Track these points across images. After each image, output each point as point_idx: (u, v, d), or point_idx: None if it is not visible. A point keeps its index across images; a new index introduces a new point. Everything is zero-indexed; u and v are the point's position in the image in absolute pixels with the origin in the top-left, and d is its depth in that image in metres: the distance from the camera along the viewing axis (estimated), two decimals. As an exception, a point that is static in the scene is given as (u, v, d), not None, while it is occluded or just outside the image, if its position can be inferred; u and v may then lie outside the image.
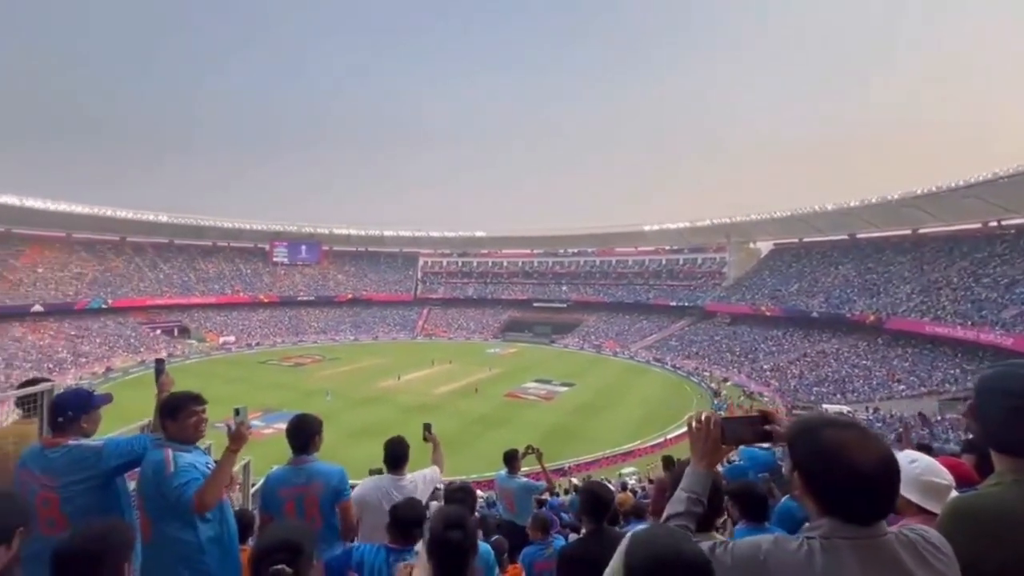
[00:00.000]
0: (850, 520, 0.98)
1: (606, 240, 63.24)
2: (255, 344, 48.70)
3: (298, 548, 1.33)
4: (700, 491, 1.28)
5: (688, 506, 1.26)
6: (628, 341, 49.78)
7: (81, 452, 2.03)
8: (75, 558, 1.20)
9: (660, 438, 23.64)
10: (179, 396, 2.16)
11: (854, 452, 0.97)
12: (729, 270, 53.53)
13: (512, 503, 4.64)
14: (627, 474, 17.22)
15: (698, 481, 1.29)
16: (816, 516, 1.03)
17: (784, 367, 34.79)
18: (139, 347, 41.25)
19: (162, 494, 1.96)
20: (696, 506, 1.26)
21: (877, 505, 0.98)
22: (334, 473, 2.47)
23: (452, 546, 1.52)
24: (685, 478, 1.32)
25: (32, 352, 35.13)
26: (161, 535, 1.99)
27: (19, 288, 40.33)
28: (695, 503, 1.26)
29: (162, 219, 52.20)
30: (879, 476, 0.96)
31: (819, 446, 1.01)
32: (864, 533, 0.97)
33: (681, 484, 1.31)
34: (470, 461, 19.15)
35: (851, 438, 0.99)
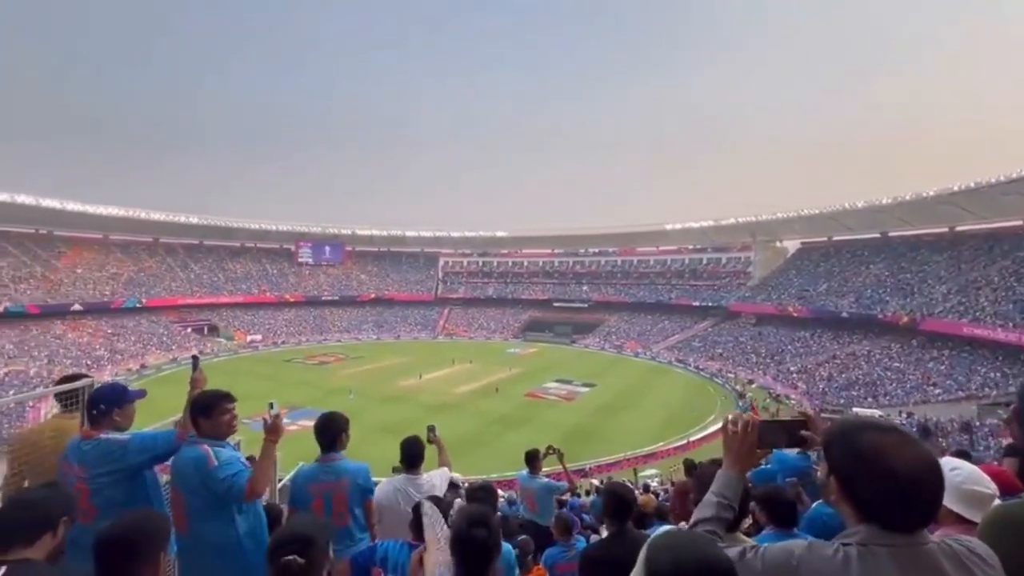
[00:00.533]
0: (890, 528, 0.93)
1: (627, 240, 62.62)
2: (281, 343, 49.80)
3: (310, 540, 1.35)
4: (731, 496, 1.25)
5: (717, 511, 1.22)
6: (650, 341, 49.20)
7: (109, 445, 2.10)
8: (115, 544, 1.25)
9: (683, 440, 23.30)
10: (212, 394, 2.22)
11: (895, 457, 0.92)
12: (754, 269, 52.40)
13: (534, 503, 4.63)
14: (648, 476, 17.01)
15: (729, 485, 1.26)
16: (853, 523, 0.98)
17: (812, 369, 33.88)
18: (171, 345, 42.64)
19: (207, 487, 2.02)
20: (726, 511, 1.23)
21: (919, 513, 0.93)
22: (360, 470, 2.53)
23: (476, 544, 1.52)
24: (716, 481, 1.29)
25: (72, 349, 36.64)
26: (200, 529, 2.06)
27: (60, 288, 42.12)
28: (725, 508, 1.23)
29: (192, 220, 53.86)
30: (922, 483, 0.91)
31: (858, 450, 0.96)
32: (904, 541, 0.93)
33: (711, 488, 1.28)
34: (490, 460, 19.21)
35: (892, 442, 0.94)
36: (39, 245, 45.31)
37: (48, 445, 2.43)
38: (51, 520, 1.41)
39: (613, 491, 2.67)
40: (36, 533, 1.37)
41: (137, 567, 1.26)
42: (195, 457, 2.06)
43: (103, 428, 2.18)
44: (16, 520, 1.38)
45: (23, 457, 2.42)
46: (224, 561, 2.03)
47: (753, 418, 1.28)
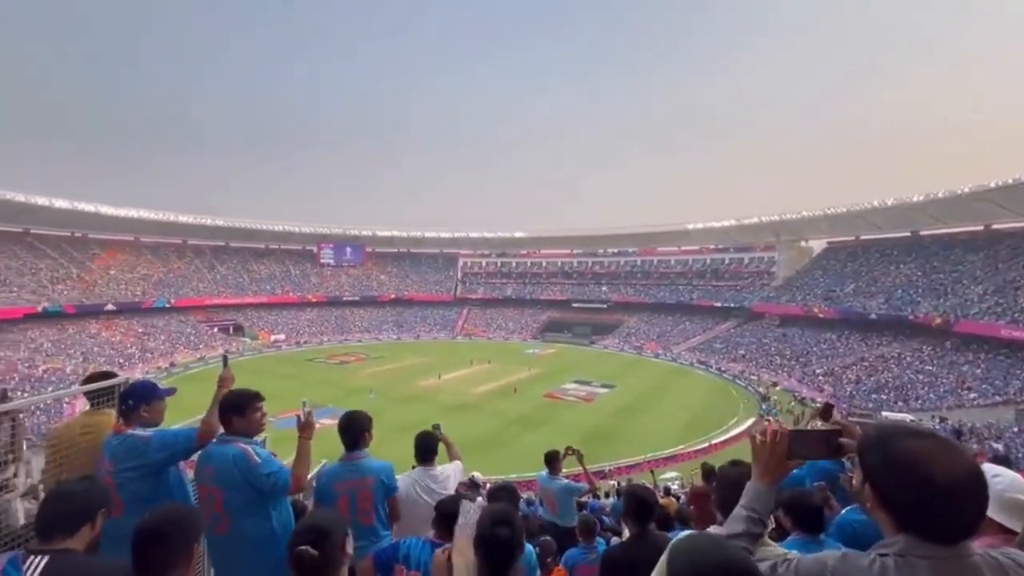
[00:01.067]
0: (930, 538, 0.88)
1: (648, 239, 61.99)
2: (303, 342, 50.73)
3: (325, 533, 1.39)
4: (761, 510, 1.21)
5: (748, 526, 1.19)
6: (670, 343, 48.59)
7: (133, 441, 2.15)
8: (152, 536, 1.31)
9: (704, 443, 22.95)
10: (245, 393, 2.27)
11: (934, 463, 0.87)
12: (778, 269, 51.31)
13: (554, 504, 4.62)
14: (668, 479, 16.79)
15: (759, 498, 1.22)
16: (891, 532, 0.94)
17: (839, 372, 32.99)
18: (198, 344, 43.83)
19: (250, 484, 2.09)
20: (757, 526, 1.19)
21: (960, 523, 0.88)
22: (385, 469, 2.55)
23: (500, 543, 1.52)
24: (745, 495, 1.25)
25: (105, 348, 37.96)
26: (239, 524, 2.12)
27: (94, 288, 43.69)
28: (756, 523, 1.19)
29: (219, 223, 55.35)
30: (963, 491, 0.86)
31: (894, 456, 0.92)
32: (945, 552, 0.87)
33: (741, 501, 1.24)
34: (509, 461, 19.22)
35: (930, 448, 0.90)
36: (75, 248, 47.10)
37: (81, 441, 2.51)
38: (90, 512, 1.46)
39: (635, 493, 2.64)
40: (76, 524, 1.43)
41: (171, 558, 1.30)
42: (235, 455, 2.11)
43: (132, 424, 2.23)
44: (57, 512, 1.43)
45: (60, 452, 2.51)
46: (261, 554, 2.10)
47: (782, 427, 1.23)
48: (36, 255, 43.43)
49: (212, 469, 2.15)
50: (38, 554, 1.34)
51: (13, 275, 39.52)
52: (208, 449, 2.22)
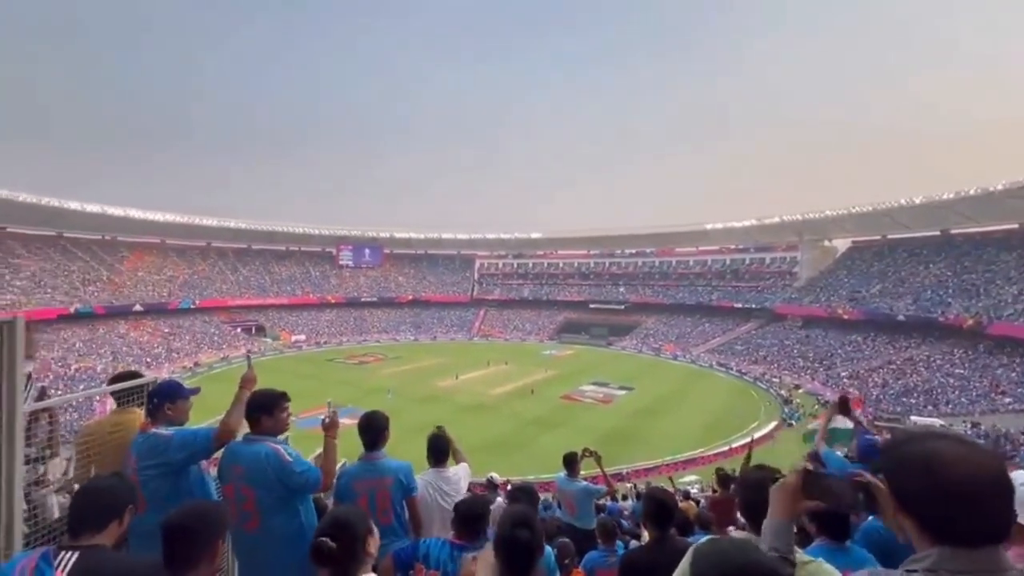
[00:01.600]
0: (956, 543, 0.83)
1: (665, 240, 61.35)
2: (323, 343, 51.49)
3: (345, 526, 1.43)
4: (784, 547, 1.15)
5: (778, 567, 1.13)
6: (689, 344, 47.97)
7: (156, 440, 2.19)
8: (178, 530, 1.34)
9: (724, 446, 22.58)
10: (273, 393, 2.31)
11: (953, 464, 0.83)
12: (801, 270, 50.25)
13: (573, 506, 4.59)
14: (688, 483, 16.56)
15: (780, 535, 1.16)
16: (920, 544, 0.89)
17: (865, 375, 32.15)
18: (222, 344, 44.83)
19: (282, 482, 2.14)
20: (786, 567, 1.12)
21: (985, 525, 0.82)
22: (402, 468, 2.57)
23: (520, 545, 1.53)
24: (765, 534, 1.19)
25: (134, 347, 39.10)
26: (270, 522, 2.16)
27: (123, 290, 45.05)
28: (783, 563, 1.12)
29: (241, 225, 56.56)
30: (986, 492, 0.82)
31: (912, 458, 0.88)
32: (980, 566, 0.82)
33: (764, 540, 1.19)
34: (526, 462, 19.20)
35: (949, 449, 0.85)
36: (105, 250, 48.64)
37: (110, 438, 2.57)
38: (118, 509, 1.50)
39: (655, 497, 2.61)
40: (104, 521, 1.46)
41: (196, 552, 1.34)
42: (267, 454, 2.16)
43: (158, 422, 2.27)
44: (86, 508, 1.47)
45: (91, 449, 2.58)
46: (291, 551, 2.14)
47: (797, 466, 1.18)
48: (69, 258, 44.98)
49: (243, 468, 2.17)
50: (69, 550, 1.37)
51: (47, 277, 41.00)
52: (236, 448, 2.25)
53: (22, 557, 1.39)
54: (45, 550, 1.40)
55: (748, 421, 26.48)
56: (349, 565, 1.41)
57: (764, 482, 1.57)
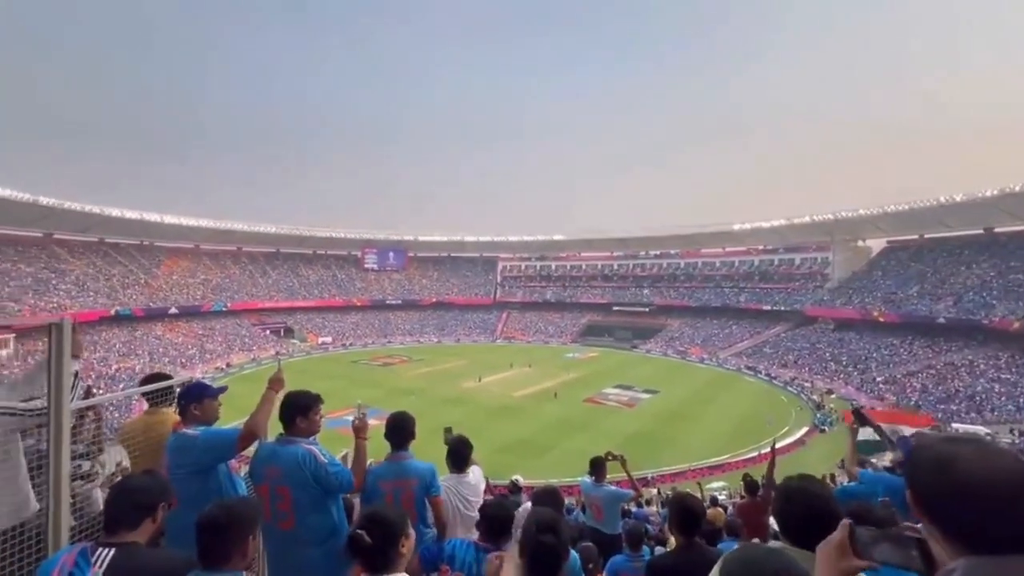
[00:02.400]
0: (981, 551, 0.77)
1: (691, 241, 60.35)
2: (349, 344, 52.39)
3: (383, 523, 1.47)
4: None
5: None
6: (716, 347, 47.00)
7: (184, 440, 2.26)
8: (211, 526, 1.39)
9: (753, 452, 21.98)
10: (309, 396, 2.38)
11: (970, 466, 0.79)
12: (833, 271, 48.68)
13: (600, 511, 4.55)
14: (715, 489, 16.21)
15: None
16: (948, 554, 0.83)
17: (902, 379, 30.91)
18: (252, 346, 46.10)
19: (318, 482, 2.21)
20: None
21: (1010, 530, 0.77)
22: (427, 470, 2.60)
23: (546, 549, 1.53)
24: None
25: (169, 349, 40.55)
26: (305, 520, 2.23)
27: (159, 293, 46.81)
28: None
29: (271, 230, 58.09)
30: (1006, 493, 0.77)
31: (930, 462, 0.85)
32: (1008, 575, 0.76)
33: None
34: (550, 465, 19.13)
35: (967, 452, 0.82)
36: (142, 255, 50.65)
37: (143, 437, 2.69)
38: (151, 507, 1.54)
39: (682, 503, 2.56)
40: (138, 519, 1.51)
41: (228, 547, 1.38)
42: (303, 455, 2.22)
43: (188, 422, 2.35)
44: (120, 507, 1.52)
45: (130, 447, 2.70)
46: (325, 548, 2.22)
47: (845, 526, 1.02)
48: (109, 262, 46.99)
49: (279, 469, 2.23)
50: (106, 547, 1.42)
51: (90, 281, 42.92)
52: (272, 449, 2.30)
53: (63, 553, 1.44)
54: (83, 547, 1.45)
55: (779, 426, 25.77)
56: (382, 561, 1.45)
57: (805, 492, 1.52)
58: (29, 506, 1.98)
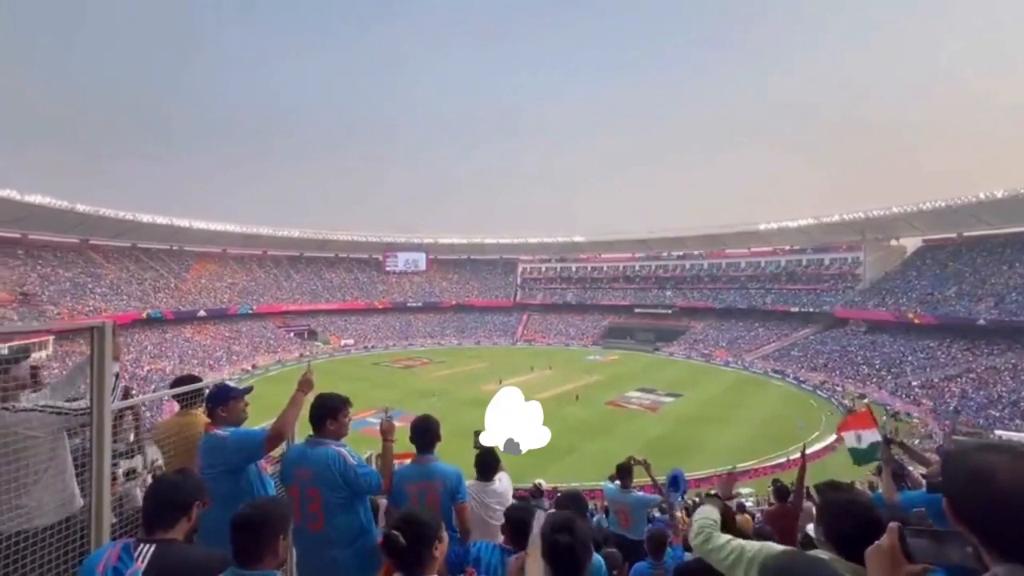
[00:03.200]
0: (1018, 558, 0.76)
1: (715, 241, 59.37)
2: (371, 346, 53.09)
3: (418, 524, 1.49)
4: None
5: None
6: (742, 350, 46.06)
7: (214, 441, 2.31)
8: (245, 525, 1.42)
9: (782, 458, 21.49)
10: (339, 399, 2.41)
11: (1007, 474, 0.78)
12: (864, 271, 47.22)
13: (627, 517, 4.48)
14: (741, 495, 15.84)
15: None
16: (990, 563, 0.80)
17: (940, 384, 29.75)
18: (276, 348, 47.13)
19: (347, 483, 2.24)
20: None
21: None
22: (452, 474, 2.60)
23: (561, 549, 1.52)
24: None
25: (198, 351, 41.75)
26: (333, 521, 2.27)
27: (188, 296, 48.28)
28: None
29: (294, 234, 59.46)
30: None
31: (966, 470, 0.82)
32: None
33: None
34: (571, 468, 19.00)
35: (1004, 460, 0.80)
36: (172, 259, 52.35)
37: (175, 438, 2.78)
38: (186, 506, 1.58)
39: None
40: (175, 517, 1.55)
41: (261, 545, 1.40)
42: (333, 456, 2.26)
43: (218, 424, 2.40)
44: (156, 508, 1.55)
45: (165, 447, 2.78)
46: (354, 549, 2.27)
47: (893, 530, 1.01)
48: (142, 267, 48.69)
49: (310, 470, 2.26)
50: (146, 543, 1.47)
51: (124, 284, 44.55)
52: (302, 451, 2.34)
53: (107, 548, 1.50)
54: (126, 543, 1.50)
55: (808, 431, 25.08)
56: (415, 562, 1.47)
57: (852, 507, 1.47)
58: (75, 502, 2.07)
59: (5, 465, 1.86)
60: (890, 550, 1.00)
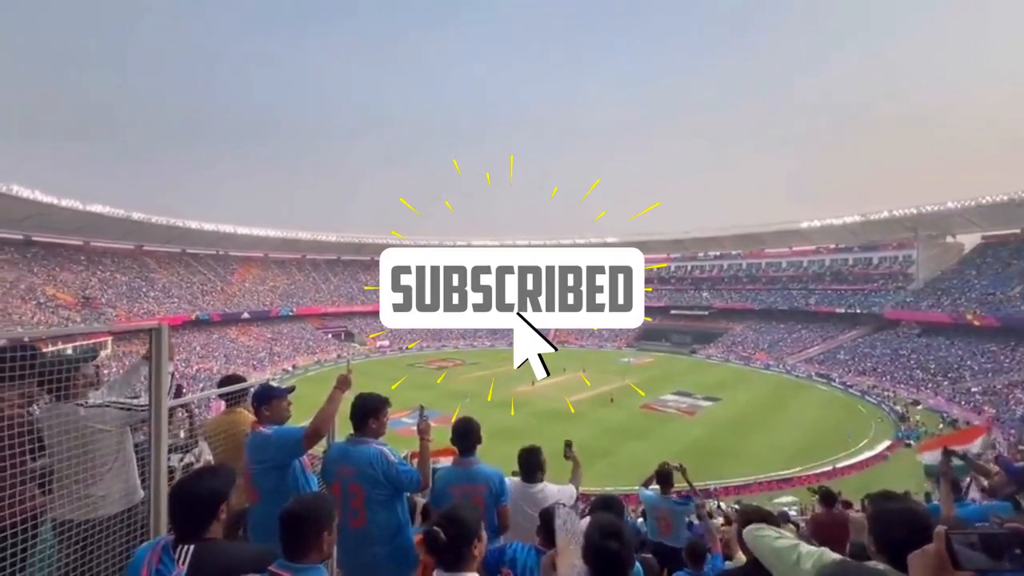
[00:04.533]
0: None
1: (753, 240, 57.52)
2: (405, 348, 54.01)
3: (459, 522, 1.51)
4: None
5: None
6: (784, 353, 44.39)
7: (259, 439, 2.40)
8: (293, 519, 1.45)
9: (828, 466, 20.60)
10: (380, 398, 2.48)
11: None
12: (917, 270, 44.70)
13: (670, 524, 4.38)
14: (785, 504, 15.26)
15: None
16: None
17: (1003, 391, 27.80)
18: (315, 349, 48.61)
19: (389, 480, 2.32)
20: None
21: None
22: (496, 477, 2.63)
23: (609, 555, 1.50)
24: None
25: (242, 352, 43.53)
26: (374, 517, 2.33)
27: (233, 299, 50.45)
28: None
29: (331, 239, 61.35)
30: None
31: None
32: None
33: None
34: (604, 472, 18.75)
35: None
36: (218, 264, 54.82)
37: (223, 435, 2.95)
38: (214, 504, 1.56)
39: (751, 514, 2.38)
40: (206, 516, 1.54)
41: (309, 539, 1.44)
42: (375, 454, 2.33)
43: (263, 422, 2.50)
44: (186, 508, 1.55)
45: (214, 444, 2.93)
46: (392, 546, 2.34)
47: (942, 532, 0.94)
48: (191, 271, 51.19)
49: (352, 468, 2.32)
50: (186, 543, 1.48)
51: (175, 288, 46.96)
52: (344, 449, 2.41)
53: (146, 550, 1.51)
54: (165, 543, 1.51)
55: (857, 439, 23.96)
56: (455, 559, 1.49)
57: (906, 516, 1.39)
58: (137, 493, 2.20)
59: (80, 456, 2.00)
60: (936, 556, 0.94)
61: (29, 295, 35.34)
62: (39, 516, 1.99)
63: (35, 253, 40.46)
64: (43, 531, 2.02)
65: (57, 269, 40.26)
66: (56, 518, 2.01)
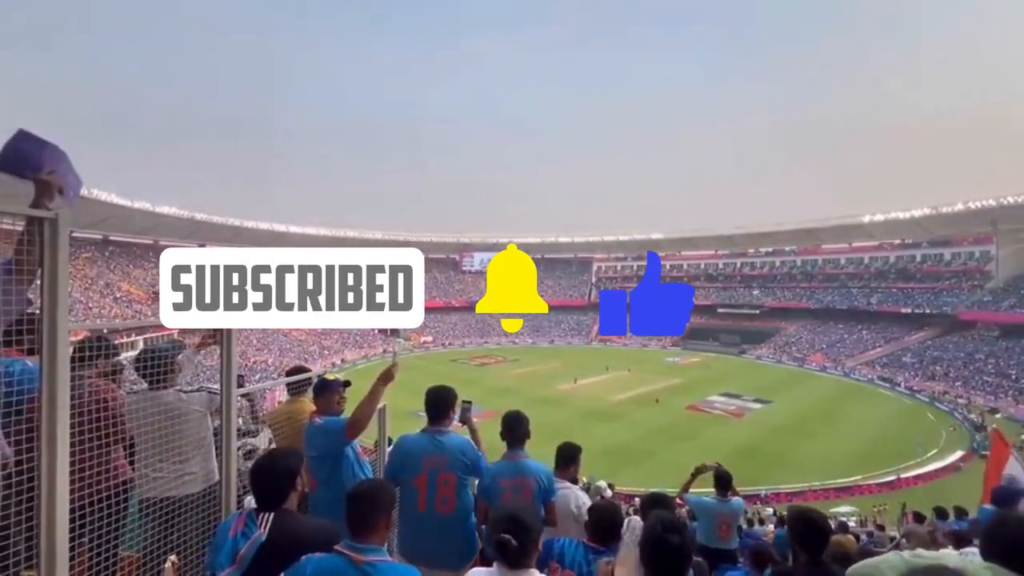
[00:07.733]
0: None
1: (809, 236, 54.65)
2: (448, 344, 55.00)
3: (525, 528, 1.59)
4: None
5: None
6: (842, 355, 42.00)
7: (315, 428, 2.54)
8: (360, 499, 1.58)
9: (891, 475, 19.36)
10: (455, 393, 2.67)
11: None
12: (996, 267, 41.18)
13: (728, 529, 4.27)
14: (844, 514, 14.48)
15: None
16: None
17: (1098, 399, 25.19)
18: (363, 344, 50.31)
19: (474, 467, 2.53)
20: None
21: None
22: (544, 472, 2.66)
23: (670, 550, 1.50)
24: None
25: (294, 345, 45.66)
26: (461, 502, 2.49)
27: (289, 295, 52.95)
28: None
29: (377, 235, 63.30)
30: None
31: None
32: None
33: None
34: (648, 474, 18.42)
35: None
36: (275, 261, 57.72)
37: (285, 422, 3.14)
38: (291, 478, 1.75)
39: (806, 516, 2.22)
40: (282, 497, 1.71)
41: (373, 518, 1.55)
42: (464, 442, 2.55)
43: (320, 412, 2.64)
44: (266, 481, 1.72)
45: (276, 431, 3.12)
46: (466, 528, 2.51)
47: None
48: (250, 268, 54.16)
49: (444, 457, 2.47)
50: (266, 512, 1.67)
51: (235, 285, 49.81)
52: (428, 439, 2.51)
53: (235, 516, 1.72)
54: (250, 511, 1.70)
55: (927, 447, 22.37)
56: (523, 559, 1.59)
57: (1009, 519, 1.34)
58: (215, 475, 2.39)
59: (178, 436, 2.22)
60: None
61: (107, 290, 38.46)
62: (129, 487, 2.18)
63: (112, 251, 44.02)
64: (131, 504, 2.22)
65: (130, 267, 43.63)
66: (148, 497, 2.24)
